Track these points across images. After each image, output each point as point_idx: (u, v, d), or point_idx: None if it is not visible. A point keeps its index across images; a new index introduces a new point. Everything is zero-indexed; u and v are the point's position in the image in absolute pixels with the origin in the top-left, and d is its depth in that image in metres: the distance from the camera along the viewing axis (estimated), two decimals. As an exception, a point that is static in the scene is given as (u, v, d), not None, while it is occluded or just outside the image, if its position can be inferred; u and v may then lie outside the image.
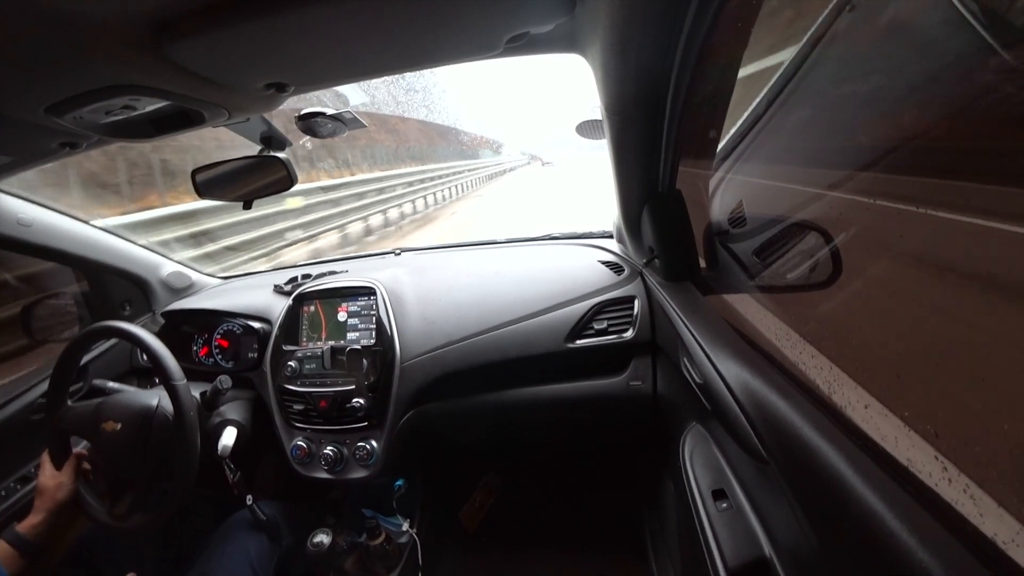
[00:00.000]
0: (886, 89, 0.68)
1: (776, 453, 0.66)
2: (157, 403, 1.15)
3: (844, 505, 0.51)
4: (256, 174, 1.14)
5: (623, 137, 1.03)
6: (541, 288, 1.41)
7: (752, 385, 0.75)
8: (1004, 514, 0.44)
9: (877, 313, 0.71)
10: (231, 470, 1.25)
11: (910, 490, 0.50)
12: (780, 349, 0.85)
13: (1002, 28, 0.48)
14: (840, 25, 0.73)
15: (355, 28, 0.69)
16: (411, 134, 9.59)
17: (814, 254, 0.81)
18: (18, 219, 1.27)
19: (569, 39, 0.88)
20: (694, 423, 1.05)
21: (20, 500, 1.28)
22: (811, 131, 0.88)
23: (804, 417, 0.63)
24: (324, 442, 1.35)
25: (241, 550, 1.18)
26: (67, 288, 1.59)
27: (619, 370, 1.34)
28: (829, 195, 0.79)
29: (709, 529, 0.80)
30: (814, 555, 0.59)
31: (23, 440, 1.33)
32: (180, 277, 1.76)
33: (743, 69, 0.94)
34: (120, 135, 0.90)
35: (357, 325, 1.42)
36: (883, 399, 0.62)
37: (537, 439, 1.74)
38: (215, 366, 1.52)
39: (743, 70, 0.94)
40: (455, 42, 0.81)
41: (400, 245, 1.91)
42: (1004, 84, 0.50)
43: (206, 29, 0.63)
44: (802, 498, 0.61)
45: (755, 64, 0.95)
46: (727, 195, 1.14)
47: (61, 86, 0.71)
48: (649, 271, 1.35)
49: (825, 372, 0.73)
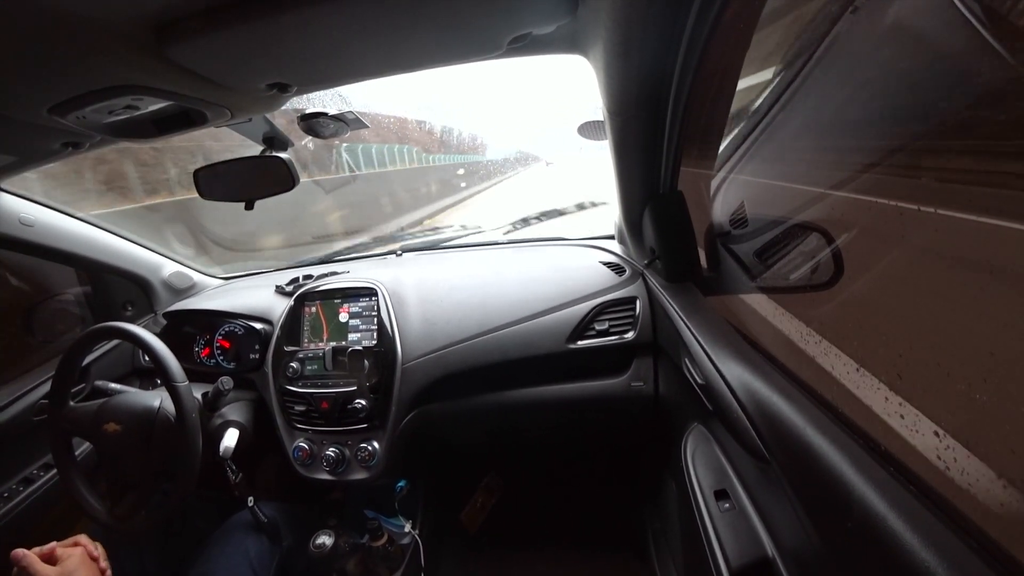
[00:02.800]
0: (888, 90, 0.68)
1: (778, 453, 0.66)
2: (159, 404, 1.15)
3: (846, 505, 0.51)
4: (258, 174, 1.14)
5: (625, 138, 1.03)
6: (542, 289, 1.41)
7: (753, 385, 0.75)
8: (1007, 513, 0.44)
9: (878, 313, 0.71)
10: (232, 471, 1.25)
11: (912, 490, 0.50)
12: (781, 349, 0.85)
13: (1003, 28, 0.49)
14: (843, 26, 0.73)
15: (358, 29, 0.69)
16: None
17: (815, 255, 0.81)
18: (20, 219, 1.27)
19: (571, 40, 0.89)
20: (696, 423, 1.05)
21: (22, 502, 1.28)
22: (813, 132, 0.88)
23: (806, 417, 0.63)
24: (326, 443, 1.35)
25: (241, 551, 1.18)
26: (69, 289, 1.59)
27: (620, 371, 1.34)
28: (831, 195, 0.79)
29: (711, 529, 0.80)
30: (816, 555, 0.59)
31: (25, 442, 1.33)
32: (182, 277, 1.76)
33: (745, 70, 0.94)
34: (123, 135, 0.90)
35: (359, 326, 1.42)
36: (884, 399, 0.62)
37: (538, 440, 1.74)
38: (217, 367, 1.52)
39: (745, 71, 0.94)
40: (457, 43, 0.81)
41: (401, 246, 1.91)
42: (1006, 85, 0.50)
43: (208, 30, 0.63)
44: (804, 498, 0.61)
45: (757, 65, 0.96)
46: (728, 196, 1.14)
47: (64, 86, 0.71)
48: (650, 272, 1.35)
49: (826, 372, 0.73)
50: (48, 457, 1.37)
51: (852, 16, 0.72)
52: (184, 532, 1.38)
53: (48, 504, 1.33)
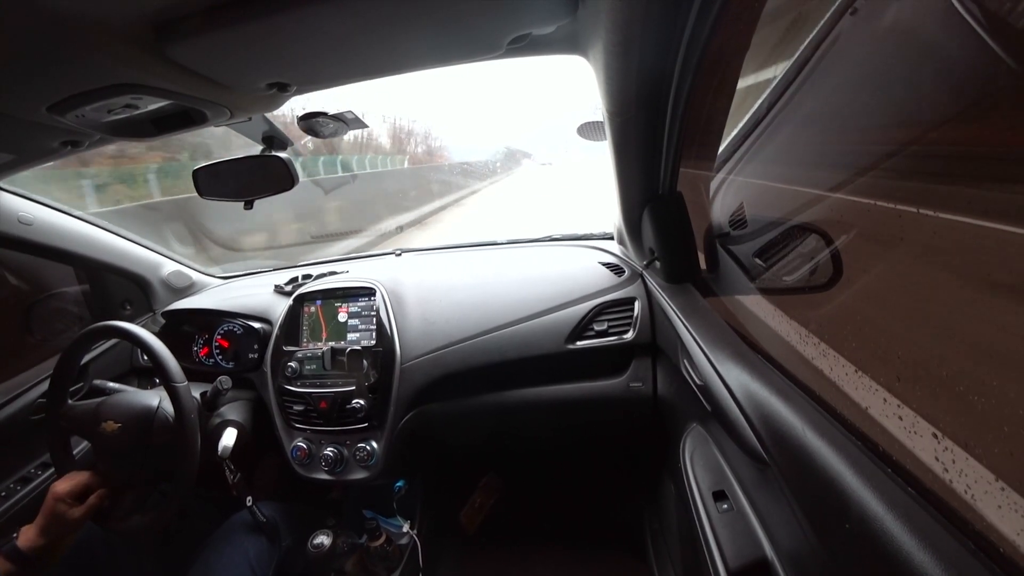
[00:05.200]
0: (888, 92, 0.68)
1: (776, 454, 0.67)
2: (158, 404, 1.15)
3: (844, 506, 0.51)
4: (257, 173, 1.14)
5: (624, 138, 1.03)
6: (541, 289, 1.41)
7: (752, 387, 0.75)
8: (1005, 515, 0.45)
9: (877, 315, 0.71)
10: (231, 471, 1.25)
11: (911, 491, 0.50)
12: (780, 351, 0.85)
13: (1003, 30, 0.49)
14: (842, 27, 0.73)
15: (358, 28, 0.69)
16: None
17: (814, 256, 0.81)
18: (19, 217, 1.27)
19: (571, 40, 0.89)
20: (694, 424, 1.05)
21: (20, 501, 1.27)
22: (813, 133, 0.88)
23: (804, 418, 0.63)
24: (324, 443, 1.35)
25: (240, 551, 1.18)
26: (68, 287, 1.59)
27: (619, 371, 1.34)
28: (830, 197, 0.79)
29: (710, 530, 0.80)
30: (815, 556, 0.59)
31: (23, 440, 1.33)
32: (181, 277, 1.76)
33: (745, 71, 0.94)
34: (122, 134, 0.90)
35: (357, 326, 1.42)
36: (883, 400, 0.63)
37: (537, 440, 1.74)
38: (215, 366, 1.52)
39: (745, 72, 0.94)
40: (457, 43, 0.81)
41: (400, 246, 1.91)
42: (1006, 87, 0.50)
43: (208, 29, 0.63)
44: (802, 499, 0.61)
45: (757, 66, 0.96)
46: (728, 197, 1.14)
47: (63, 85, 0.71)
48: (650, 273, 1.35)
49: (825, 373, 0.73)
50: (46, 456, 1.36)
51: (852, 17, 0.72)
52: (183, 532, 1.38)
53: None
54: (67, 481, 1.07)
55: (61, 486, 1.05)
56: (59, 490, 1.04)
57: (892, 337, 0.67)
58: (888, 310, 0.69)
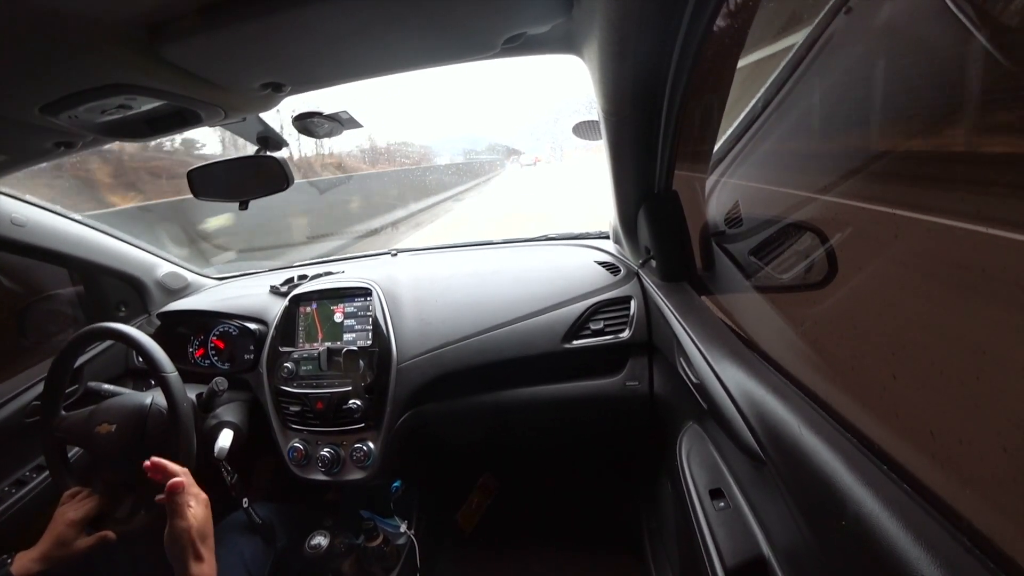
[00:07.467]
0: (881, 92, 0.68)
1: (772, 452, 0.67)
2: (150, 401, 1.14)
3: (840, 503, 0.52)
4: (252, 174, 1.13)
5: (620, 138, 1.03)
6: (537, 289, 1.41)
7: (748, 385, 0.76)
8: (999, 512, 0.45)
9: (871, 313, 0.72)
10: (228, 472, 1.24)
11: (906, 488, 0.50)
12: (775, 348, 0.85)
13: (996, 30, 0.49)
14: (836, 27, 0.73)
15: (352, 28, 0.69)
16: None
17: (809, 255, 0.82)
18: (12, 219, 1.26)
19: (566, 40, 0.89)
20: (691, 423, 1.05)
21: (14, 504, 1.27)
22: (807, 134, 0.88)
23: (800, 416, 0.64)
24: (321, 444, 1.34)
25: (236, 552, 1.17)
26: (62, 289, 1.58)
27: (616, 370, 1.34)
28: (823, 198, 0.79)
29: (706, 528, 0.80)
30: (811, 554, 0.60)
31: (17, 444, 1.32)
32: (176, 278, 1.75)
33: (740, 70, 0.95)
34: (116, 135, 0.90)
35: (353, 326, 1.42)
36: (879, 398, 0.63)
37: (534, 439, 1.74)
38: (211, 368, 1.51)
39: (740, 71, 0.95)
40: (452, 42, 0.81)
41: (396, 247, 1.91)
42: (998, 87, 0.50)
43: (201, 29, 0.63)
44: (798, 496, 0.61)
45: (752, 65, 0.96)
46: (723, 196, 1.15)
47: (56, 85, 0.70)
48: (645, 271, 1.35)
49: (820, 371, 0.74)
50: (41, 459, 1.35)
51: (846, 17, 0.72)
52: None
53: (41, 506, 1.32)
54: (78, 507, 1.01)
55: (73, 513, 0.99)
56: (71, 517, 0.98)
57: (888, 334, 0.67)
58: (883, 308, 0.69)
